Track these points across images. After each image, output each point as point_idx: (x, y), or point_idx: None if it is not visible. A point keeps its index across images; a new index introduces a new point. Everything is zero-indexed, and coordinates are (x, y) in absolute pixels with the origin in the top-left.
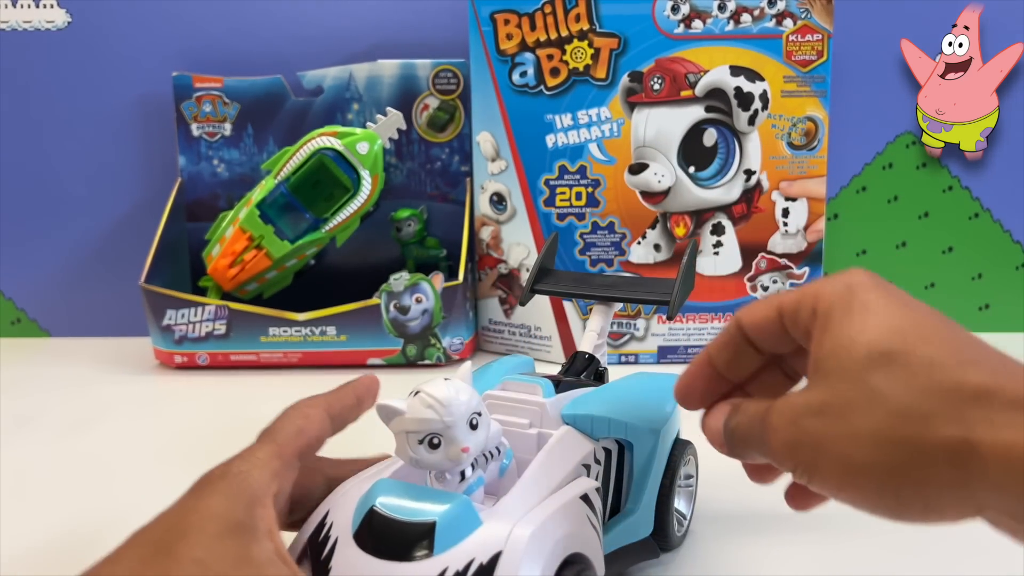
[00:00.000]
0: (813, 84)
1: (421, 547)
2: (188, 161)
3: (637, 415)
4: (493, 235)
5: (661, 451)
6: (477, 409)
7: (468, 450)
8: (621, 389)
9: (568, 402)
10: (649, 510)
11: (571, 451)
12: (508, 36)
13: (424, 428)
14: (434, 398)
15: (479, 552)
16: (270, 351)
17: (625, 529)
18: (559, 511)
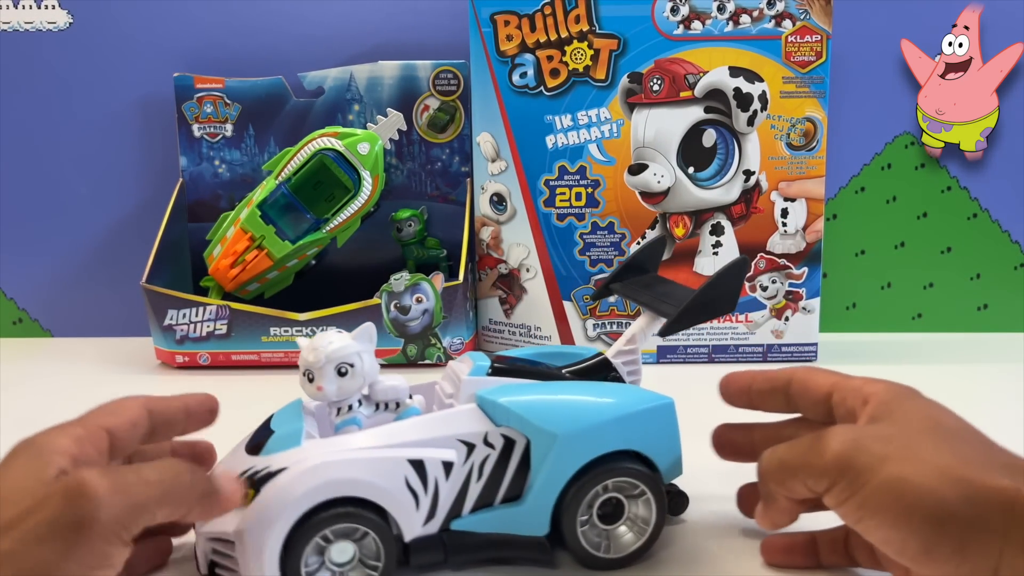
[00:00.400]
0: (812, 85)
1: (256, 447)
2: (189, 162)
3: (543, 414)
4: (493, 235)
5: (563, 456)
6: (349, 360)
7: (322, 389)
8: (559, 389)
9: (495, 385)
10: (541, 509)
11: (450, 424)
12: (508, 37)
13: (301, 364)
14: (312, 343)
15: (274, 463)
16: (271, 351)
17: (510, 516)
18: (363, 460)
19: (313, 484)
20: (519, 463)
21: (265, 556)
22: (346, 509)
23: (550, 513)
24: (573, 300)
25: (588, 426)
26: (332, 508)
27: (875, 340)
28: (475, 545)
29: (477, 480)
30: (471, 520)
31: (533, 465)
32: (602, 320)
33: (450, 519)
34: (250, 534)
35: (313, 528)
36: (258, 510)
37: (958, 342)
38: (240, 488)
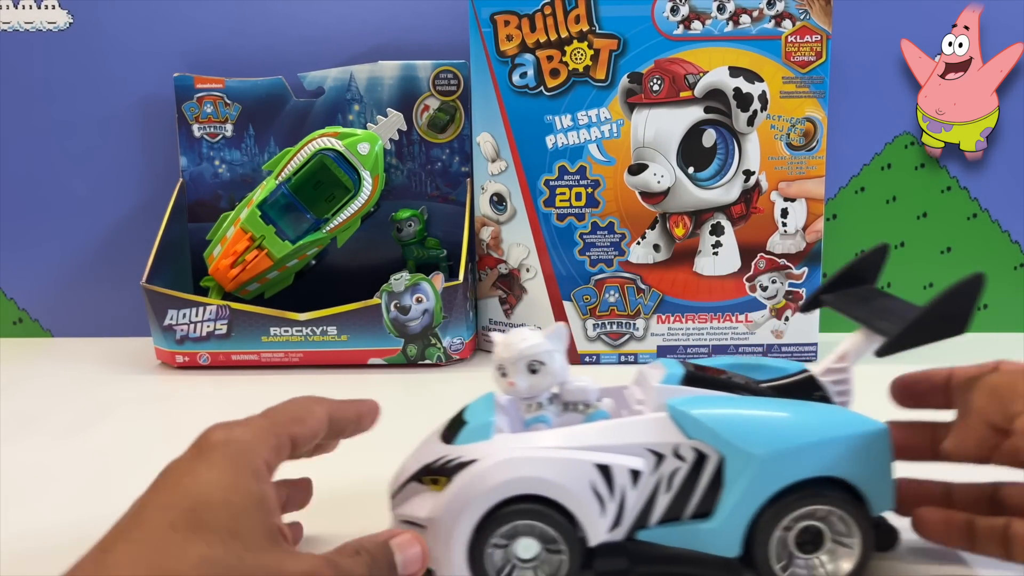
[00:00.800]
0: (812, 85)
1: (450, 436)
2: (189, 162)
3: (740, 431)
4: (493, 235)
5: (761, 478)
6: (539, 358)
7: (513, 385)
8: (762, 406)
9: (689, 395)
10: (732, 530)
11: (640, 432)
12: (508, 37)
13: (494, 360)
14: (505, 339)
15: (467, 453)
16: (271, 351)
17: (699, 533)
18: (551, 460)
19: (502, 479)
20: (711, 479)
21: (454, 543)
22: (532, 506)
23: (743, 534)
24: (573, 300)
25: (788, 448)
26: (520, 504)
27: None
28: (661, 557)
29: (666, 492)
30: (658, 532)
31: (727, 483)
32: (602, 320)
33: (636, 529)
34: (441, 521)
35: (498, 521)
36: (450, 499)
37: (958, 342)
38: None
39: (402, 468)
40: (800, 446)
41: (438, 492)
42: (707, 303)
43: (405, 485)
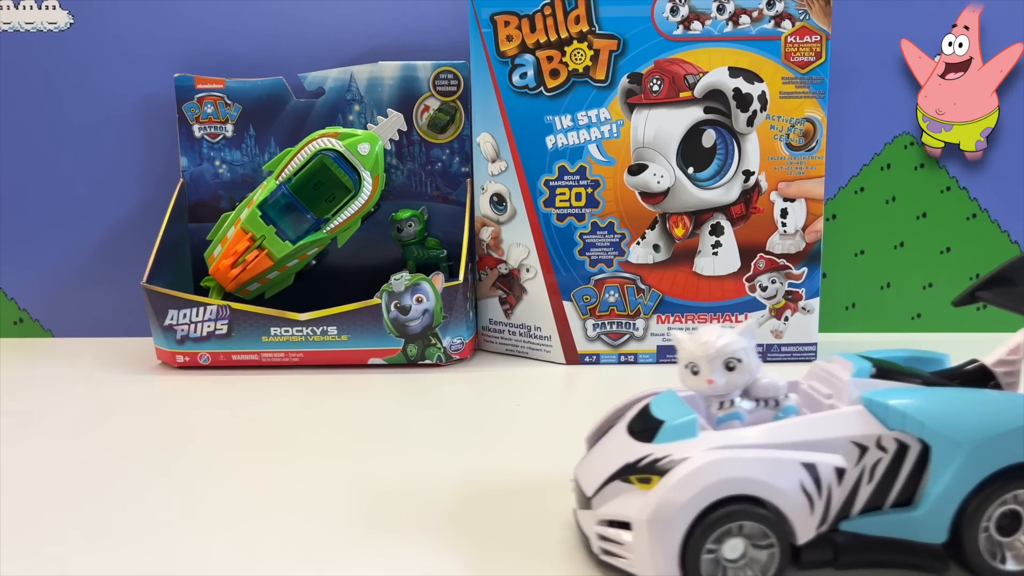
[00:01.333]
0: (811, 85)
1: (648, 434)
2: (190, 162)
3: (944, 419)
4: (493, 236)
5: (969, 465)
6: (736, 355)
7: (712, 382)
8: (955, 395)
9: (881, 388)
10: (939, 517)
11: (842, 425)
12: (508, 38)
13: (685, 357)
14: (699, 337)
15: (675, 451)
16: (271, 351)
17: (902, 522)
18: (760, 460)
19: (716, 479)
20: (912, 469)
21: (665, 547)
22: (744, 507)
23: (950, 522)
24: (573, 300)
25: (995, 436)
26: (730, 504)
27: (875, 340)
28: (865, 547)
29: (868, 483)
30: (861, 522)
31: (933, 472)
32: (602, 320)
33: (839, 519)
34: (652, 522)
35: (713, 524)
36: (660, 499)
37: (958, 342)
38: None
39: (588, 468)
40: (1003, 433)
41: (647, 491)
42: (707, 303)
43: (606, 484)
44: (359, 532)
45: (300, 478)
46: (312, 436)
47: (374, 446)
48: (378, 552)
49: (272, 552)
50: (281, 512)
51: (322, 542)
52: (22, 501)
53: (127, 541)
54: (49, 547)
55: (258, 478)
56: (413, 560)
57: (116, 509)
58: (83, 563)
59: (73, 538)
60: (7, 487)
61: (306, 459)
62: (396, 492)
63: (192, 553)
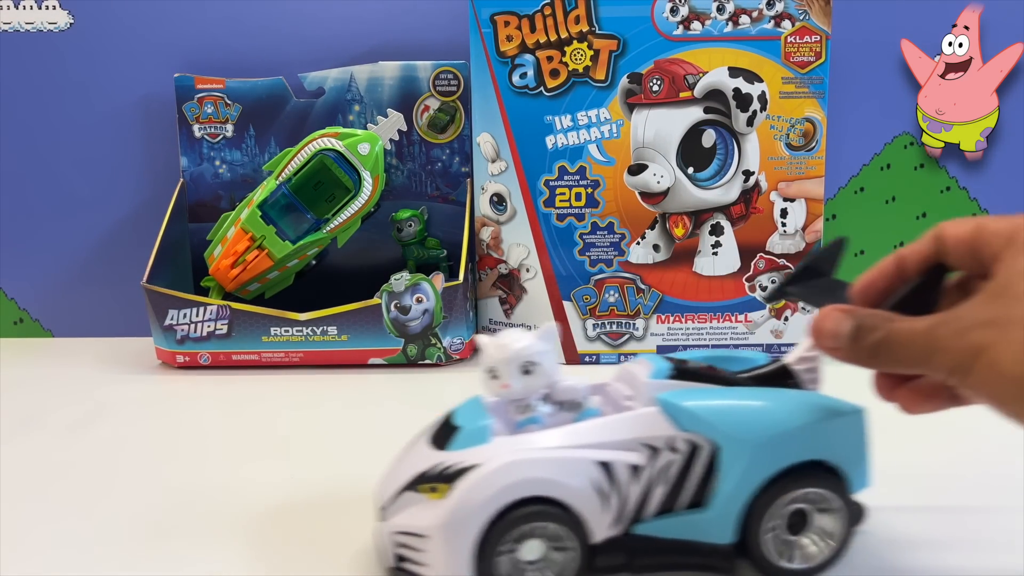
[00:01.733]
0: (811, 85)
1: (445, 442)
2: (190, 162)
3: (734, 421)
4: (493, 236)
5: (754, 465)
6: (532, 359)
7: (508, 387)
8: (748, 395)
9: (676, 389)
10: (726, 518)
11: (633, 427)
12: (508, 38)
13: (485, 362)
14: (496, 340)
15: (467, 459)
16: (271, 351)
17: (692, 524)
18: (555, 460)
19: (508, 482)
20: (704, 469)
21: (459, 553)
22: (539, 508)
23: (737, 521)
24: (573, 300)
25: (780, 434)
26: (524, 507)
27: None
28: (658, 549)
29: (660, 484)
30: (654, 525)
31: (722, 472)
32: (602, 320)
33: (633, 523)
34: (446, 530)
35: (506, 527)
36: (453, 507)
37: None
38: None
39: (387, 477)
40: (789, 431)
41: (438, 500)
42: (707, 303)
43: (399, 495)
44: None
45: (300, 478)
46: (312, 436)
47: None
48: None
49: (271, 553)
50: (281, 512)
51: (322, 542)
52: (22, 501)
53: (127, 541)
54: (49, 547)
55: (258, 478)
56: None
57: (116, 509)
58: (83, 563)
59: (73, 538)
60: (7, 487)
61: (306, 459)
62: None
63: (192, 553)
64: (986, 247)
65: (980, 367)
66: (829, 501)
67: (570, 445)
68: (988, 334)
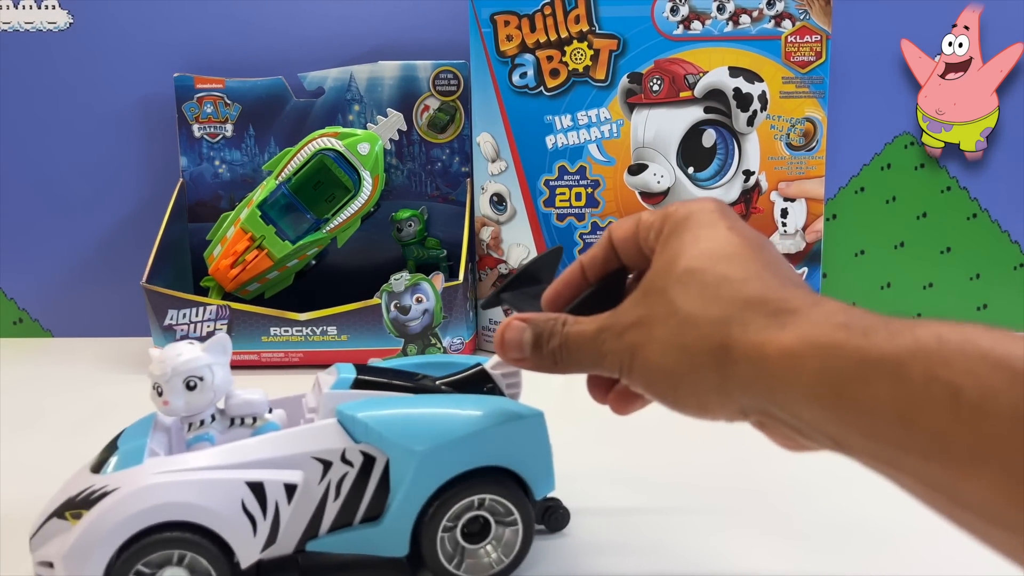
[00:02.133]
0: (812, 85)
1: (100, 466)
2: (190, 162)
3: (402, 430)
4: (493, 235)
5: (423, 474)
6: (198, 373)
7: (168, 403)
8: (433, 403)
9: (358, 400)
10: (401, 529)
11: (306, 441)
12: (508, 37)
13: (149, 376)
14: (159, 353)
15: (111, 483)
16: (271, 351)
17: (368, 537)
18: (197, 482)
19: (139, 508)
20: (379, 481)
21: None
22: (175, 534)
23: (409, 533)
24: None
25: (449, 441)
26: (162, 532)
27: None
28: (330, 566)
29: (335, 499)
30: (328, 541)
31: (392, 483)
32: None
33: (306, 540)
34: (71, 558)
35: (138, 554)
36: (81, 534)
37: None
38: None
39: (45, 506)
40: (459, 438)
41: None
42: None
43: (45, 523)
44: None
45: None
46: None
47: None
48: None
49: None
50: None
51: None
52: (22, 501)
53: None
54: None
55: None
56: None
57: None
58: None
59: None
60: (7, 487)
61: None
62: None
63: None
64: (644, 243)
65: (636, 365)
66: (509, 509)
67: (223, 465)
68: (639, 334)
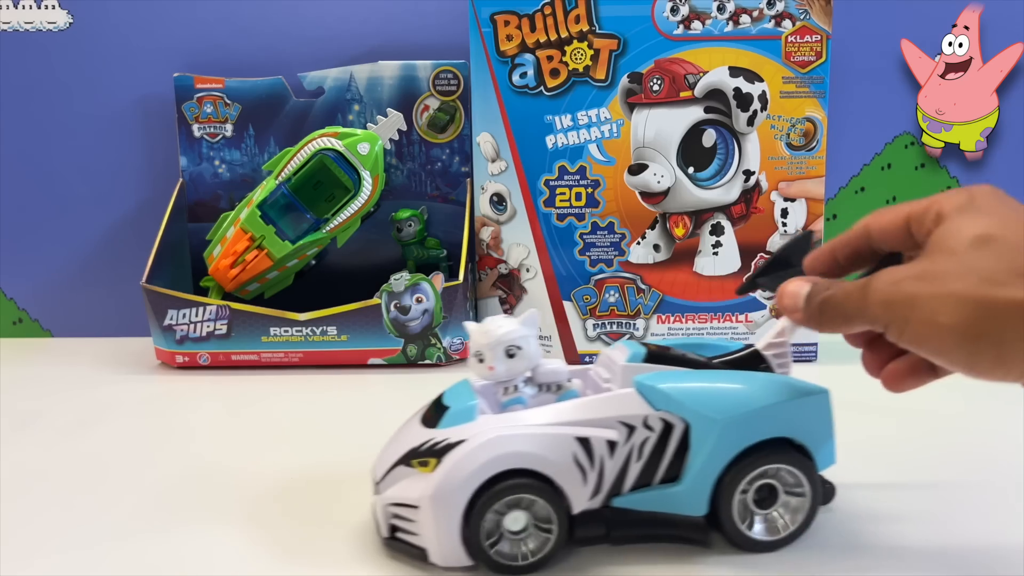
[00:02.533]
0: (812, 85)
1: (434, 421)
2: (190, 162)
3: (703, 400)
4: (493, 235)
5: (723, 442)
6: (516, 343)
7: (493, 369)
8: (717, 377)
9: (652, 372)
10: (700, 491)
11: (611, 406)
12: (508, 37)
13: (472, 347)
14: (482, 326)
15: (453, 435)
16: (271, 351)
17: (669, 496)
18: (537, 435)
19: (492, 455)
20: (677, 446)
21: (447, 523)
22: (523, 480)
23: (709, 495)
24: (573, 300)
25: (747, 413)
26: (507, 479)
27: None
28: (635, 522)
29: (637, 460)
30: (631, 498)
31: (692, 448)
32: (602, 320)
33: (611, 496)
34: (434, 501)
35: (494, 497)
36: (441, 479)
37: None
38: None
39: (382, 455)
40: (757, 410)
41: (428, 473)
42: (707, 303)
43: (391, 470)
44: (364, 537)
45: (300, 477)
46: (311, 434)
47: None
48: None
49: (271, 552)
50: (280, 512)
51: (323, 543)
52: (21, 501)
53: (126, 540)
54: (48, 547)
55: (258, 478)
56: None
57: (115, 509)
58: (82, 563)
59: (72, 538)
60: (6, 487)
61: (306, 459)
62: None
63: (191, 553)
64: (919, 226)
65: (916, 320)
66: (796, 478)
67: (552, 422)
68: (921, 285)
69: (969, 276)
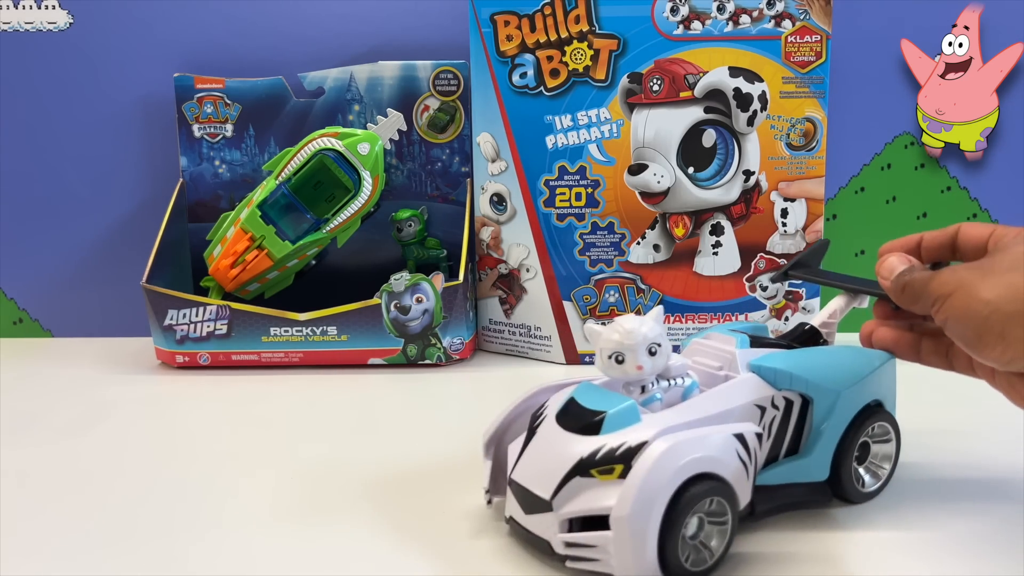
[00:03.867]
0: (812, 85)
1: (592, 428)
2: (190, 162)
3: (821, 375)
4: (493, 235)
5: (841, 410)
6: (656, 340)
7: (642, 368)
8: (818, 354)
9: (760, 355)
10: (823, 458)
11: (745, 392)
12: (508, 37)
13: (610, 347)
14: (622, 326)
15: (628, 438)
16: (271, 351)
17: (797, 468)
18: (709, 437)
19: (682, 461)
20: (796, 421)
21: (647, 536)
22: (711, 484)
23: (831, 460)
24: (573, 300)
25: (858, 381)
26: (695, 485)
27: None
28: (772, 496)
29: (768, 439)
30: (765, 475)
31: (816, 420)
32: (602, 320)
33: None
34: (637, 508)
35: (689, 502)
36: (638, 485)
37: None
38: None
39: (527, 473)
40: (863, 379)
41: (611, 480)
42: (707, 303)
43: (564, 484)
44: (364, 538)
45: (300, 478)
46: (311, 436)
47: (374, 447)
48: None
49: (271, 552)
50: (280, 512)
51: (325, 543)
52: (21, 501)
53: (126, 541)
54: (49, 547)
55: (258, 478)
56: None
57: (115, 509)
58: (83, 563)
59: (72, 538)
60: (6, 487)
61: (306, 459)
62: (398, 492)
63: (192, 553)
64: (999, 241)
65: (960, 293)
66: (884, 429)
67: (704, 419)
68: (973, 272)
69: (1018, 267)
